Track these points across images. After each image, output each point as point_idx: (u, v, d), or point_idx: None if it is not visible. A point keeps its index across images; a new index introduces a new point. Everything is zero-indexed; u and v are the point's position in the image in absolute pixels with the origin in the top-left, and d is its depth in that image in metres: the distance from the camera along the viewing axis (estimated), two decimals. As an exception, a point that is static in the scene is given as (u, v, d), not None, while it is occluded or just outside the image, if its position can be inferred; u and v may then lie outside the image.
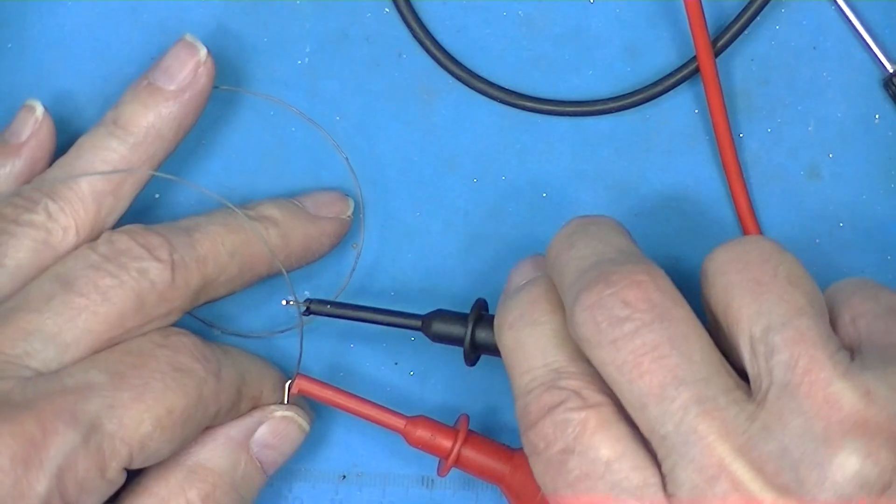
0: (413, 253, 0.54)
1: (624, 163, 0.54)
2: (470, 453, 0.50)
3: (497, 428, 0.54)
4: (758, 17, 0.52)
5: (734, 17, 0.53)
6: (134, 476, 0.47)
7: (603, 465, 0.41)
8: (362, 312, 0.51)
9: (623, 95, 0.53)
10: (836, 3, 0.53)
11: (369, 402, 0.51)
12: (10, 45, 0.54)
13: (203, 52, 0.50)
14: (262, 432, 0.49)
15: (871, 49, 0.53)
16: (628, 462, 0.41)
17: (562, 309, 0.44)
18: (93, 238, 0.48)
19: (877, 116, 0.53)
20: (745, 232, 0.53)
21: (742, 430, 0.40)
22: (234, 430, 0.49)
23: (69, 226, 0.48)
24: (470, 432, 0.51)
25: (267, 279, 0.51)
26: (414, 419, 0.51)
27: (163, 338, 0.47)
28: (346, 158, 0.53)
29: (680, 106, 0.53)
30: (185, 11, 0.54)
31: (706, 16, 0.53)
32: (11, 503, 0.42)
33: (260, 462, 0.49)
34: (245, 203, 0.51)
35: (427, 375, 0.54)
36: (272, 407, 0.50)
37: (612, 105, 0.53)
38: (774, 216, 0.53)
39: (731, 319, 0.42)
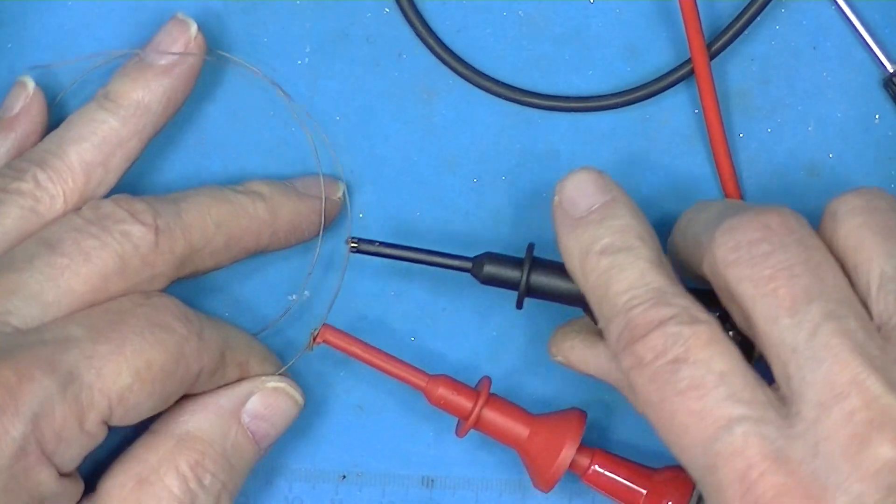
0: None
1: (624, 162, 0.54)
2: (490, 415, 0.51)
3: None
4: (758, 18, 0.52)
5: (733, 17, 0.52)
6: (124, 445, 0.48)
7: (716, 376, 0.42)
8: (410, 252, 0.51)
9: (625, 91, 0.53)
10: (836, 2, 0.53)
11: (393, 357, 0.51)
12: (10, 45, 0.54)
13: (193, 28, 0.50)
14: (254, 402, 0.49)
15: (872, 49, 0.53)
16: (740, 378, 0.42)
17: (651, 238, 0.45)
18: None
19: (877, 116, 0.53)
20: None
21: (874, 354, 0.41)
22: (224, 399, 0.49)
23: (57, 194, 0.48)
24: (491, 395, 0.51)
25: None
26: (436, 377, 0.51)
27: (144, 298, 0.47)
28: (312, 136, 0.53)
29: (680, 106, 0.53)
30: (184, 11, 0.54)
31: (706, 16, 0.53)
32: None
33: (252, 433, 0.49)
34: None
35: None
36: (264, 377, 0.50)
37: (614, 101, 0.53)
38: (774, 216, 0.53)
39: (863, 257, 0.43)
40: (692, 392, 0.42)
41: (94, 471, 0.48)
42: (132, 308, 0.46)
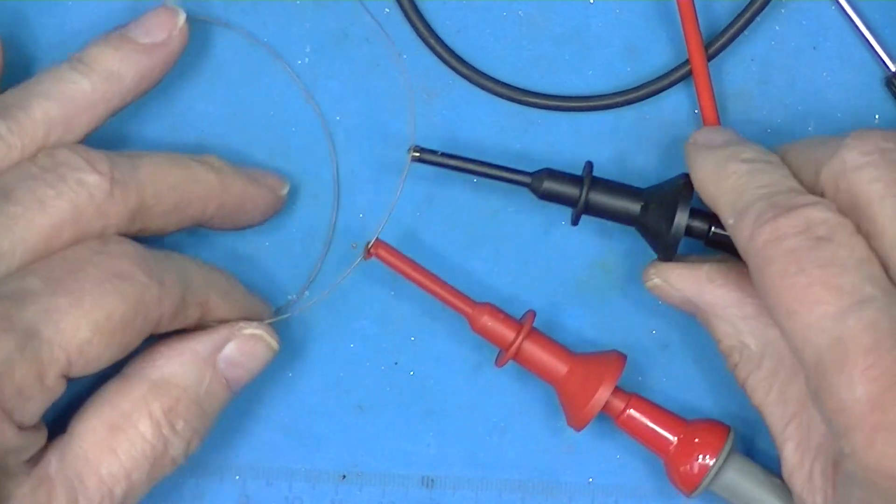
0: (413, 253, 0.54)
1: (624, 162, 0.54)
2: (531, 348, 0.51)
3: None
4: (757, 18, 0.52)
5: (732, 18, 0.52)
6: (97, 385, 0.47)
7: (857, 260, 0.43)
8: (470, 164, 0.51)
9: (625, 91, 0.53)
10: (837, 2, 0.53)
11: (441, 280, 0.51)
12: (10, 45, 0.54)
13: (182, 18, 0.50)
14: (230, 349, 0.49)
15: (873, 48, 0.53)
16: (876, 266, 0.44)
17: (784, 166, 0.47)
18: None
19: (877, 116, 0.53)
20: None
21: None
22: (200, 345, 0.48)
23: (14, 144, 0.47)
24: (533, 329, 0.51)
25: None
26: (481, 305, 0.51)
27: (102, 245, 0.46)
28: (314, 102, 0.53)
29: (680, 106, 0.53)
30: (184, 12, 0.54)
31: (705, 17, 0.53)
32: None
33: (226, 379, 0.49)
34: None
35: (428, 374, 0.54)
36: (241, 324, 0.49)
37: (614, 101, 0.53)
38: (774, 216, 0.53)
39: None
40: (833, 268, 0.43)
41: (66, 407, 0.48)
42: (90, 256, 0.46)
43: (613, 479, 0.53)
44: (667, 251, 0.50)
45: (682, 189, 0.49)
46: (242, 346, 0.49)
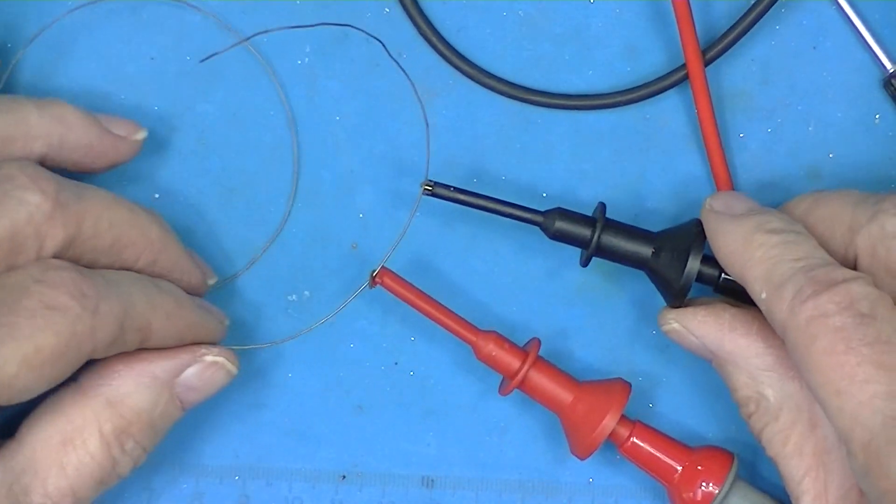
0: (413, 253, 0.54)
1: (624, 162, 0.54)
2: (536, 377, 0.51)
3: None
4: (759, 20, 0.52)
5: (734, 21, 0.52)
6: (52, 393, 0.47)
7: None
8: (483, 200, 0.50)
9: (625, 90, 0.53)
10: (836, 2, 0.53)
11: (446, 309, 0.51)
12: (10, 45, 0.54)
13: (142, 134, 0.51)
14: (189, 374, 0.48)
15: (872, 48, 0.53)
16: None
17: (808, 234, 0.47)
18: None
19: (877, 116, 0.53)
20: None
21: None
22: (159, 369, 0.48)
23: None
24: (539, 357, 0.51)
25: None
26: (486, 333, 0.51)
27: (41, 271, 0.45)
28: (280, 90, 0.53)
29: (679, 106, 0.53)
30: (185, 11, 0.54)
31: (705, 19, 0.53)
32: None
33: (181, 401, 0.49)
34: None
35: (428, 374, 0.54)
36: (203, 349, 0.49)
37: (615, 100, 0.53)
38: (774, 216, 0.53)
39: None
40: (881, 345, 0.43)
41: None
42: (27, 285, 0.44)
43: (613, 479, 0.53)
44: (676, 297, 0.49)
45: (695, 236, 0.49)
46: (202, 373, 0.49)
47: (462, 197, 0.50)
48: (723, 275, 0.49)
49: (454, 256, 0.54)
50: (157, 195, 0.54)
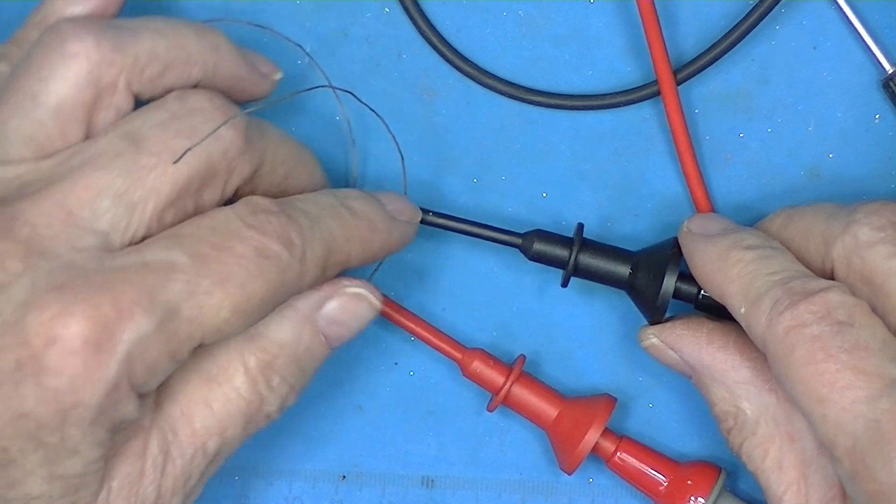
0: (413, 253, 0.54)
1: (624, 163, 0.54)
2: (520, 392, 0.51)
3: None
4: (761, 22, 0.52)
5: (732, 25, 0.53)
6: None
7: (880, 341, 0.43)
8: (463, 224, 0.51)
9: (626, 91, 0.53)
10: (836, 3, 0.53)
11: (432, 327, 0.52)
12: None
13: (278, 76, 0.51)
14: (331, 307, 0.48)
15: (871, 50, 0.53)
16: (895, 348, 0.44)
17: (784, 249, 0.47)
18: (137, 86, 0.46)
19: (877, 116, 0.53)
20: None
21: None
22: (301, 302, 0.47)
23: (116, 63, 0.45)
24: (523, 373, 0.52)
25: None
26: (472, 350, 0.52)
27: (251, 215, 0.45)
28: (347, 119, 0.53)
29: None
30: (185, 11, 0.54)
31: (705, 20, 0.53)
32: (80, 384, 0.41)
33: (325, 336, 0.48)
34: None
35: (428, 374, 0.54)
36: (344, 281, 0.48)
37: (616, 100, 0.53)
38: (774, 216, 0.53)
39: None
40: (859, 352, 0.43)
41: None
42: (238, 230, 0.44)
43: (613, 479, 0.53)
44: (654, 314, 0.50)
45: (670, 254, 0.50)
46: (345, 305, 0.48)
47: (440, 221, 0.51)
48: (702, 292, 0.50)
49: (451, 266, 0.54)
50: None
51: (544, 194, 0.54)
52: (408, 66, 0.54)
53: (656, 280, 0.49)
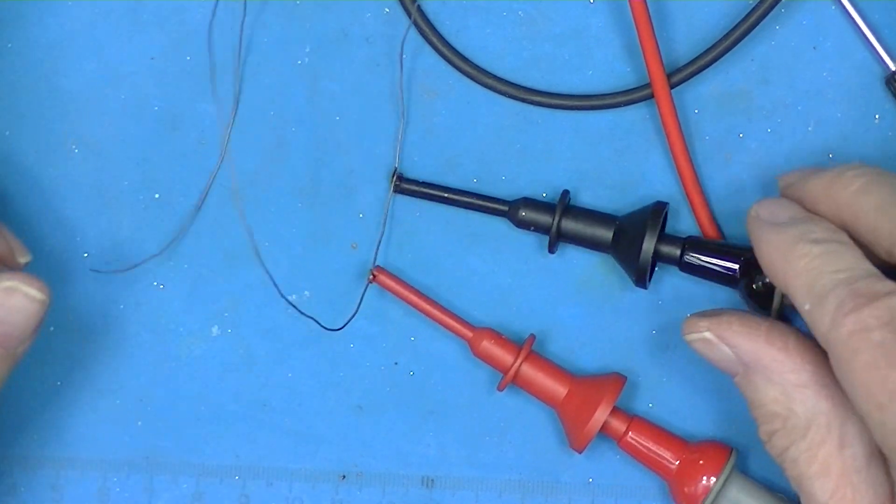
0: (413, 253, 0.54)
1: (624, 163, 0.54)
2: (530, 371, 0.52)
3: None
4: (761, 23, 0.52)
5: (732, 25, 0.52)
6: None
7: None
8: (449, 193, 0.52)
9: (626, 91, 0.53)
10: (839, 1, 0.53)
11: (441, 306, 0.53)
12: (10, 45, 0.54)
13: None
14: None
15: (874, 47, 0.52)
16: None
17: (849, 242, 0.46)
18: None
19: (877, 116, 0.53)
20: (704, 234, 0.53)
21: None
22: None
23: None
24: (532, 352, 0.52)
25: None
26: (481, 330, 0.52)
27: None
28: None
29: (679, 106, 0.53)
30: (185, 11, 0.54)
31: (704, 20, 0.53)
32: None
33: None
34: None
35: (428, 374, 0.54)
36: None
37: (616, 100, 0.53)
38: (774, 216, 0.53)
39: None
40: None
41: None
42: None
43: (613, 479, 0.53)
44: (639, 277, 0.51)
45: (650, 216, 0.50)
46: None
47: (429, 191, 0.52)
48: (686, 255, 0.50)
49: (455, 256, 0.54)
50: (157, 195, 0.54)
51: (544, 194, 0.54)
52: (408, 66, 0.54)
53: (638, 243, 0.50)
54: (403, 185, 0.53)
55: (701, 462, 0.51)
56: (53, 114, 0.54)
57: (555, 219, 0.52)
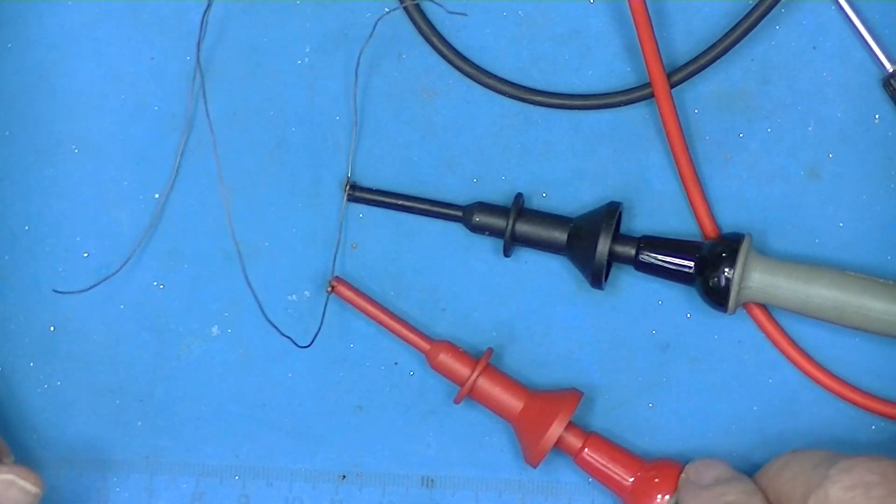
0: (413, 252, 0.54)
1: (624, 163, 0.54)
2: (486, 385, 0.52)
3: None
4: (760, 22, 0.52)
5: (732, 25, 0.52)
6: None
7: None
8: (404, 200, 0.53)
9: (626, 90, 0.53)
10: (837, 2, 0.53)
11: (400, 319, 0.52)
12: (10, 45, 0.54)
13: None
14: None
15: (871, 48, 0.53)
16: None
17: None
18: None
19: (877, 116, 0.53)
20: (704, 232, 0.53)
21: None
22: None
23: None
24: (490, 366, 0.52)
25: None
26: (438, 343, 0.52)
27: None
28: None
29: (678, 106, 0.53)
30: (185, 11, 0.54)
31: (704, 21, 0.53)
32: None
33: None
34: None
35: (428, 374, 0.54)
36: None
37: (615, 100, 0.53)
38: (774, 216, 0.53)
39: None
40: None
41: None
42: None
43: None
44: (595, 278, 0.51)
45: (605, 217, 0.50)
46: None
47: (383, 199, 0.53)
48: (641, 252, 0.51)
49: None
50: (157, 195, 0.54)
51: (544, 194, 0.54)
52: (408, 66, 0.54)
53: (592, 244, 0.50)
54: (357, 193, 0.53)
55: (656, 480, 0.51)
56: (53, 114, 0.54)
57: (509, 222, 0.52)
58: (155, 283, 0.54)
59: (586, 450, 0.51)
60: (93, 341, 0.54)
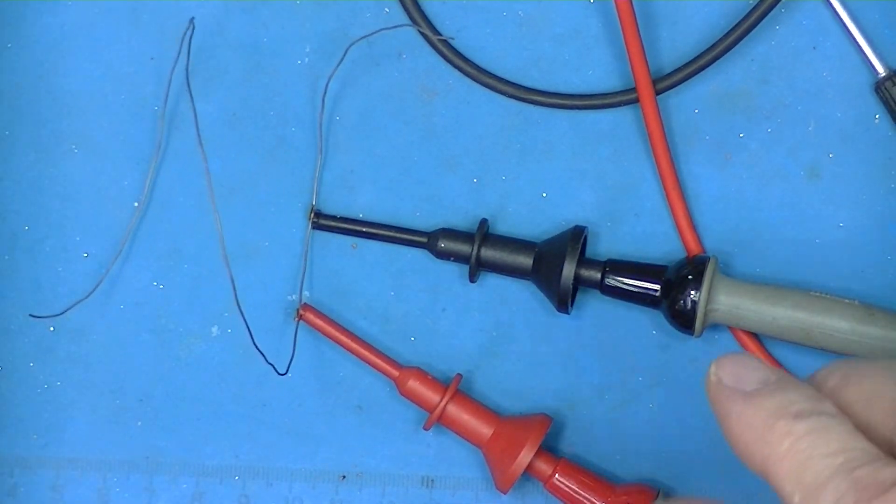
0: (413, 252, 0.54)
1: (624, 163, 0.54)
2: (455, 411, 0.52)
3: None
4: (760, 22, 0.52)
5: (731, 25, 0.53)
6: None
7: None
8: (368, 227, 0.52)
9: (626, 90, 0.53)
10: (830, 5, 0.53)
11: (369, 345, 0.52)
12: (10, 45, 0.54)
13: None
14: None
15: (864, 52, 0.52)
16: None
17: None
18: None
19: (876, 116, 0.53)
20: (686, 247, 0.53)
21: None
22: None
23: None
24: (459, 392, 0.52)
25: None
26: (408, 369, 0.52)
27: None
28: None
29: (678, 106, 0.53)
30: (185, 11, 0.54)
31: (703, 21, 0.53)
32: None
33: None
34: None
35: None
36: None
37: (616, 99, 0.53)
38: (774, 216, 0.53)
39: None
40: None
41: None
42: None
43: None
44: (561, 303, 0.51)
45: (569, 241, 0.50)
46: None
47: (347, 226, 0.53)
48: (606, 277, 0.51)
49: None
50: (157, 195, 0.54)
51: (544, 194, 0.54)
52: (408, 66, 0.54)
53: (558, 268, 0.50)
54: (321, 220, 0.53)
55: None
56: (53, 114, 0.54)
57: (474, 248, 0.52)
58: (155, 283, 0.54)
59: (557, 475, 0.51)
60: (93, 341, 0.54)
